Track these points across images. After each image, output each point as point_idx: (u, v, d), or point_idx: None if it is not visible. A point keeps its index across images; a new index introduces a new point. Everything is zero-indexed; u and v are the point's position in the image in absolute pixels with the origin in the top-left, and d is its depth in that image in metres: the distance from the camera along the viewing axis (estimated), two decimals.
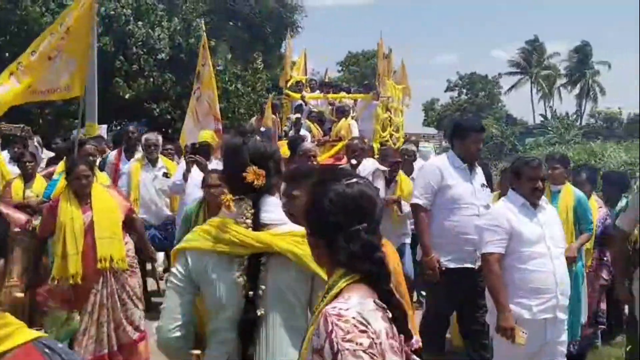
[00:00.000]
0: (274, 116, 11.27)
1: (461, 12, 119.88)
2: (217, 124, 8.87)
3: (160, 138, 7.03)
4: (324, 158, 9.97)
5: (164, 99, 18.57)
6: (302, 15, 33.39)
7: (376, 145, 12.07)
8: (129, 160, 7.14)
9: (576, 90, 60.51)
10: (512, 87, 60.77)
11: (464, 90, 59.41)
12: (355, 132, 11.28)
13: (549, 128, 42.42)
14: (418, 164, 7.89)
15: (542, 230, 3.90)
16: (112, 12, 17.36)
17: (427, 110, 59.51)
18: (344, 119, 11.18)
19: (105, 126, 15.77)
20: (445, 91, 60.55)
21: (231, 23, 32.10)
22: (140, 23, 18.24)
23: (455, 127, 4.96)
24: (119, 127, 17.92)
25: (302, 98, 12.51)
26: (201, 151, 6.08)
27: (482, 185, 4.88)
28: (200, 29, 19.67)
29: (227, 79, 19.15)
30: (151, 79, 18.15)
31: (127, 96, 17.44)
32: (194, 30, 19.39)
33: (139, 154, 7.13)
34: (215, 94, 8.87)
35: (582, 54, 59.73)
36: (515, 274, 3.86)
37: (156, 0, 20.06)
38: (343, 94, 13.06)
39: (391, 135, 13.84)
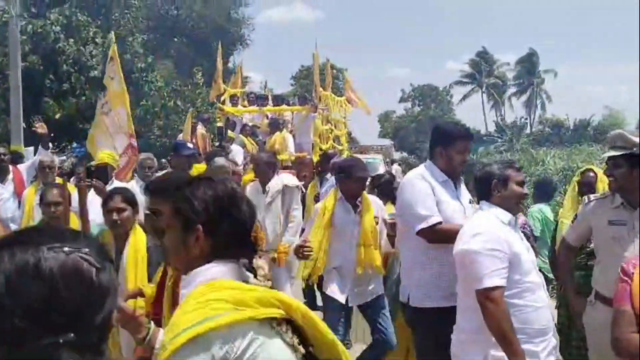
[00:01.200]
0: (203, 131, 10.68)
1: (413, 26, 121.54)
2: (132, 140, 8.25)
3: (56, 159, 6.34)
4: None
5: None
6: (250, 29, 32.94)
7: (316, 158, 11.62)
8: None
9: (524, 99, 61.72)
10: (464, 97, 61.55)
11: (417, 102, 59.83)
12: (291, 146, 10.79)
13: (497, 137, 43.01)
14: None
15: (530, 253, 3.16)
16: (40, 30, 16.50)
17: (382, 121, 59.69)
18: (278, 133, 10.67)
19: (32, 149, 14.86)
20: (399, 102, 60.91)
21: (175, 39, 31.38)
22: (71, 40, 17.41)
23: (438, 133, 3.86)
24: (56, 149, 17.12)
25: (236, 112, 11.99)
26: (98, 173, 5.44)
27: (470, 202, 3.88)
28: (136, 45, 19.06)
29: (165, 94, 18.44)
30: (83, 97, 17.29)
31: (57, 116, 16.55)
32: (129, 46, 18.66)
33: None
34: (127, 109, 8.24)
35: (529, 63, 60.97)
36: (518, 313, 2.99)
37: (90, 17, 19.23)
38: (283, 107, 12.55)
39: (333, 148, 13.42)
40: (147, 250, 3.58)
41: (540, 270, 3.26)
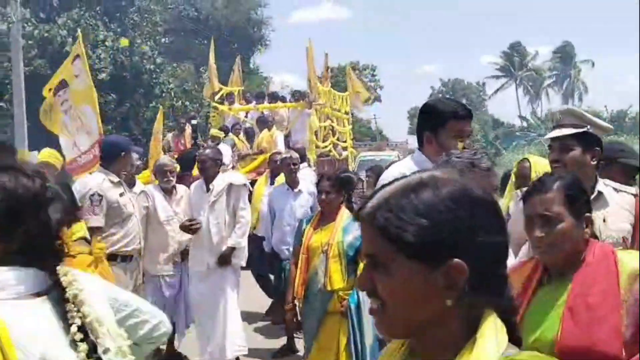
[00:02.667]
0: (190, 131, 10.39)
1: (443, 21, 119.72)
2: (101, 138, 7.97)
3: None
4: (244, 172, 9.07)
5: (107, 121, 17.67)
6: (269, 30, 32.69)
7: (312, 157, 11.19)
8: None
9: (561, 91, 59.97)
10: (496, 91, 60.17)
11: (447, 97, 58.77)
12: (280, 144, 10.38)
13: (531, 129, 41.74)
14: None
15: None
16: (46, 34, 16.54)
17: (412, 117, 58.82)
18: (266, 130, 10.27)
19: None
20: (429, 98, 59.91)
21: (197, 41, 31.35)
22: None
23: (426, 112, 2.76)
24: None
25: (229, 109, 11.67)
26: None
27: None
28: (143, 46, 18.98)
29: (173, 95, 18.33)
30: None
31: None
32: (137, 48, 18.62)
33: None
34: (95, 107, 7.96)
35: (564, 54, 59.22)
36: None
37: (100, 20, 19.26)
38: (278, 104, 12.11)
39: (335, 145, 12.97)
40: None
41: None
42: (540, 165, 3.52)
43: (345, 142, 13.68)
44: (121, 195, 4.78)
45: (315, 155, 11.30)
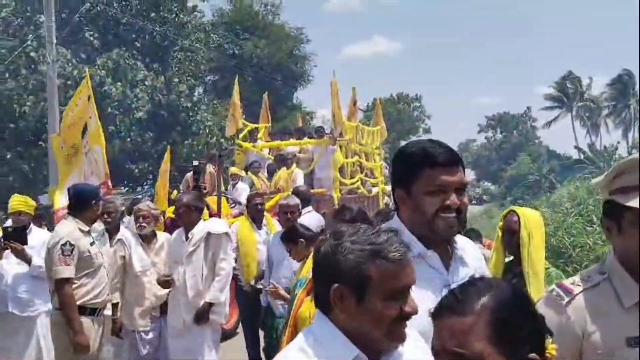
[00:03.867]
0: (212, 169, 10.10)
1: (495, 54, 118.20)
2: (107, 178, 7.78)
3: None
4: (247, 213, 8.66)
5: (144, 158, 17.79)
6: (312, 65, 32.70)
7: (336, 195, 10.72)
8: None
9: (621, 121, 57.63)
10: (551, 122, 58.36)
11: (498, 130, 57.38)
12: (299, 182, 9.96)
13: (588, 162, 40.03)
14: None
15: None
16: (84, 74, 16.80)
17: (462, 151, 57.74)
18: (284, 168, 9.87)
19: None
20: (479, 132, 58.72)
21: (241, 79, 31.66)
22: (119, 83, 17.69)
23: (395, 162, 1.97)
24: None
25: (253, 147, 11.37)
26: (16, 234, 4.86)
27: None
28: (181, 84, 19.12)
29: (208, 132, 18.32)
30: (128, 139, 17.44)
31: None
32: (174, 87, 18.76)
33: None
34: (103, 148, 7.80)
35: (622, 84, 57.06)
36: None
37: (139, 61, 19.56)
38: (300, 140, 11.71)
39: (364, 182, 12.46)
40: None
41: None
42: (531, 221, 2.96)
43: (376, 178, 13.14)
44: (91, 244, 4.49)
45: (339, 193, 10.81)
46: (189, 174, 11.13)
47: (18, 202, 5.31)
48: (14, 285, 5.16)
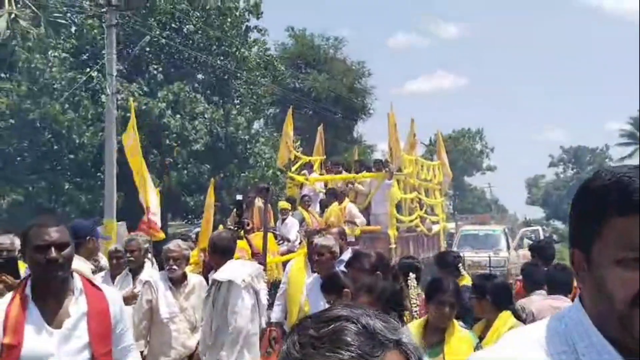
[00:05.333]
0: (260, 204, 9.63)
1: (564, 87, 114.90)
2: (148, 213, 7.50)
3: (16, 242, 5.51)
4: (305, 250, 8.11)
5: (201, 190, 17.63)
6: (373, 99, 32.30)
7: (393, 232, 10.05)
8: None
9: None
10: (624, 157, 55.52)
11: (570, 165, 55.02)
12: (354, 216, 9.38)
13: None
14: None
15: None
16: (144, 107, 16.94)
17: (529, 187, 55.64)
18: (335, 204, 9.29)
19: (124, 223, 14.84)
20: (549, 167, 56.47)
21: (302, 112, 31.61)
22: (178, 116, 17.73)
23: (575, 205, 1.10)
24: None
25: (306, 180, 10.88)
26: (9, 262, 4.41)
27: None
28: (240, 116, 19.00)
29: (264, 164, 18.06)
30: (185, 171, 17.36)
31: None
32: (233, 119, 18.66)
33: None
34: (145, 180, 7.52)
35: None
36: None
37: (199, 93, 19.63)
38: (355, 174, 11.14)
39: (423, 220, 11.72)
40: None
41: None
42: None
43: (437, 215, 12.38)
44: None
45: (396, 230, 10.13)
46: (234, 212, 10.76)
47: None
48: None
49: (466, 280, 4.91)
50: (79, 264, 3.99)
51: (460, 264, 5.27)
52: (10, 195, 14.74)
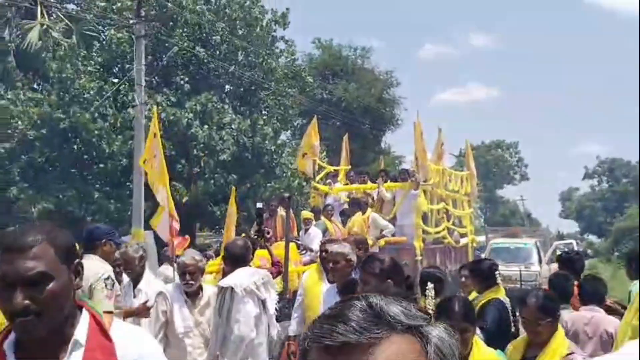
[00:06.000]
0: (283, 213, 9.54)
1: (600, 99, 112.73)
2: (173, 222, 7.44)
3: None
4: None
5: (227, 200, 17.64)
6: (402, 109, 32.06)
7: (419, 244, 9.84)
8: None
9: None
10: None
11: (604, 178, 53.78)
12: (380, 227, 9.21)
13: None
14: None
15: None
16: (172, 117, 17.06)
17: (563, 200, 54.55)
18: (359, 214, 9.14)
19: (152, 232, 14.95)
20: (583, 179, 55.29)
21: (329, 123, 31.57)
22: (205, 126, 17.82)
23: None
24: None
25: (330, 190, 10.77)
26: None
27: None
28: (266, 126, 19.00)
29: (290, 175, 18.01)
30: (212, 181, 17.40)
31: (184, 200, 16.70)
32: (260, 130, 18.66)
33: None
34: (167, 188, 7.48)
35: None
36: None
37: (226, 104, 19.72)
38: (381, 184, 10.96)
39: (451, 231, 11.48)
40: None
41: None
42: None
43: (465, 227, 12.12)
44: None
45: (422, 242, 9.92)
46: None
47: None
48: None
49: (501, 294, 4.53)
50: (99, 264, 3.94)
51: (496, 273, 4.85)
52: (41, 203, 14.94)
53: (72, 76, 15.61)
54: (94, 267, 3.88)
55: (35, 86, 17.96)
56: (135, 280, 4.80)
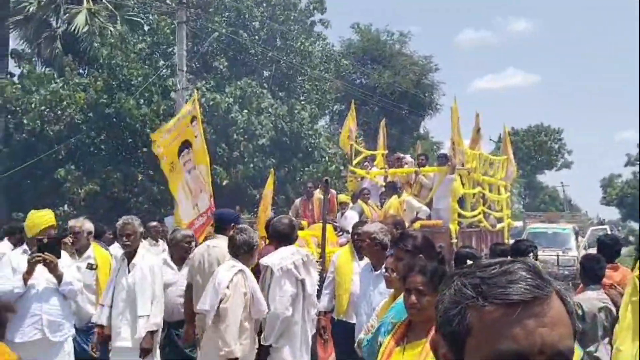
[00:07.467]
0: (320, 196, 9.77)
1: None
2: (211, 200, 7.74)
3: (85, 224, 5.86)
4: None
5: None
6: (440, 94, 31.84)
7: (454, 227, 9.95)
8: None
9: None
10: None
11: None
12: (415, 209, 9.37)
13: None
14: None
15: None
16: (212, 102, 17.42)
17: (605, 187, 53.36)
18: (395, 197, 9.30)
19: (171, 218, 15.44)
20: (625, 165, 53.92)
21: (367, 107, 31.59)
22: (245, 111, 18.14)
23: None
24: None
25: (367, 173, 10.95)
26: (49, 245, 4.67)
27: None
28: (304, 111, 19.22)
29: (327, 159, 18.21)
30: (251, 165, 17.74)
31: (224, 183, 17.09)
32: (297, 114, 18.89)
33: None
34: (208, 167, 7.79)
35: None
36: None
37: (265, 89, 19.99)
38: (415, 169, 11.07)
39: (487, 215, 11.52)
40: None
41: None
42: None
43: (500, 211, 12.14)
44: None
45: (457, 225, 10.02)
46: (298, 200, 10.96)
47: (49, 218, 4.97)
48: (48, 308, 4.76)
49: None
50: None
51: (531, 254, 5.04)
52: (87, 185, 15.49)
53: (122, 63, 16.09)
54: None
55: (81, 71, 18.53)
56: (132, 254, 5.11)
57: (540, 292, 0.92)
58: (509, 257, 4.11)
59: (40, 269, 4.60)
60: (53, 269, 4.64)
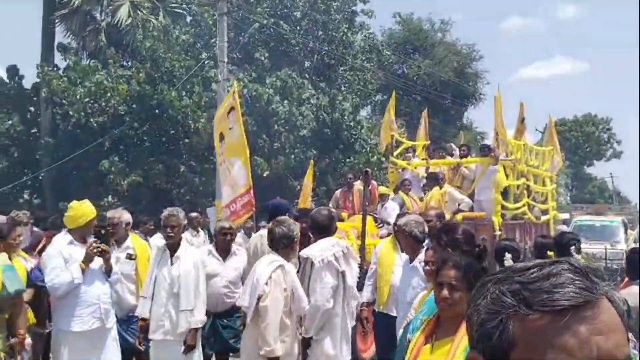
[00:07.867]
0: (360, 187, 9.66)
1: None
2: (249, 194, 7.74)
3: (124, 215, 5.91)
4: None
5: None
6: (484, 83, 31.20)
7: (497, 219, 9.72)
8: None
9: None
10: None
11: None
12: (456, 201, 9.17)
13: None
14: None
15: None
16: (254, 93, 17.45)
17: None
18: (436, 188, 9.11)
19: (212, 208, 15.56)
20: None
21: (409, 98, 31.23)
22: (286, 102, 18.12)
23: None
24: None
25: (408, 164, 10.77)
26: (103, 235, 4.75)
27: None
28: (345, 102, 19.07)
29: (368, 150, 18.06)
30: (292, 156, 17.72)
31: (265, 174, 17.13)
32: (339, 105, 18.76)
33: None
34: (247, 159, 7.76)
35: None
36: None
37: (306, 79, 19.92)
38: (457, 160, 10.86)
39: (531, 207, 11.22)
40: None
41: None
42: None
43: (545, 203, 11.81)
44: None
45: (500, 217, 9.78)
46: (338, 192, 10.87)
47: (92, 208, 4.97)
48: (103, 296, 4.88)
49: None
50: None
51: (573, 247, 4.82)
52: (130, 176, 15.74)
53: (164, 54, 16.28)
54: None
55: (124, 63, 18.82)
56: (175, 247, 5.09)
57: (591, 295, 0.83)
58: (548, 252, 3.93)
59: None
60: (107, 259, 4.75)
